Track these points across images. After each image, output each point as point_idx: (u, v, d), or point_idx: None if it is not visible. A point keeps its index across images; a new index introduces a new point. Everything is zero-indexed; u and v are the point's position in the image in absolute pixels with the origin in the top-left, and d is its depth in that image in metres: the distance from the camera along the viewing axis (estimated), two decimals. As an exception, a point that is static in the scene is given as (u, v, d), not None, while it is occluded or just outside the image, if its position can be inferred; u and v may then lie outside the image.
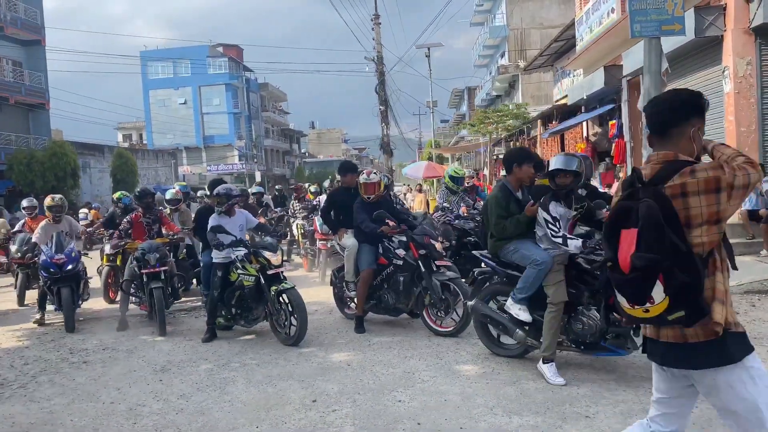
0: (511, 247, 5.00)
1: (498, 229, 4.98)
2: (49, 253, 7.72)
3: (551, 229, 4.73)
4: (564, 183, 4.78)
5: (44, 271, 7.70)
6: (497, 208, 5.00)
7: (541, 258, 4.75)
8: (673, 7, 7.20)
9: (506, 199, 5.04)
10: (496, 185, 5.34)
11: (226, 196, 6.80)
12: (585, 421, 3.92)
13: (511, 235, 4.95)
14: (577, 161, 4.77)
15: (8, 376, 5.86)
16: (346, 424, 4.11)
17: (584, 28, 16.01)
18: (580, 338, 4.75)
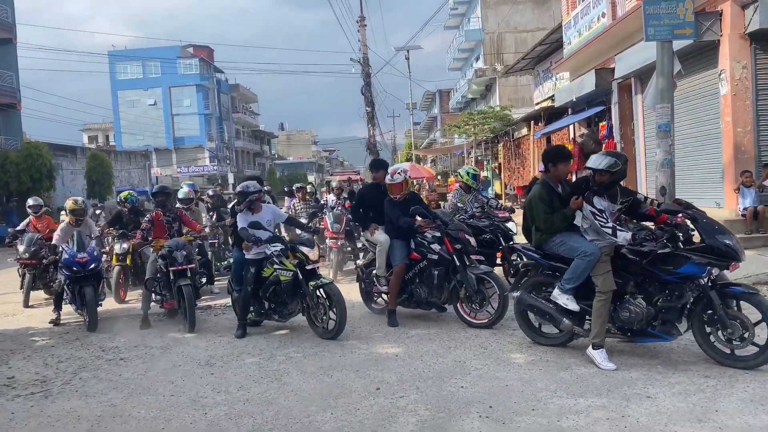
0: (557, 240, 5.21)
1: (546, 224, 5.19)
2: (72, 252, 7.68)
3: (599, 220, 4.96)
4: (602, 180, 5.02)
5: (66, 270, 7.64)
6: (542, 204, 5.21)
7: (590, 249, 4.97)
8: (684, 12, 7.57)
9: (549, 194, 5.26)
10: (538, 182, 5.55)
11: (242, 193, 6.89)
12: (648, 401, 4.14)
13: (558, 229, 5.17)
14: (611, 160, 5.00)
15: (47, 373, 5.83)
16: (418, 408, 4.25)
17: (572, 32, 16.43)
18: (627, 325, 4.98)
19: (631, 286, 5.00)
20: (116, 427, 4.28)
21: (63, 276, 7.82)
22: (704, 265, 4.65)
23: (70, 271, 7.61)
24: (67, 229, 8.26)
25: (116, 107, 60.85)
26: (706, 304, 4.73)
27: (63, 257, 7.75)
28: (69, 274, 7.65)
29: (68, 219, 8.42)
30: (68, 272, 7.64)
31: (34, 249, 9.35)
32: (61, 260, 7.82)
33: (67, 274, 7.69)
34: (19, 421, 4.54)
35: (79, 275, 7.59)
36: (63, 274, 7.79)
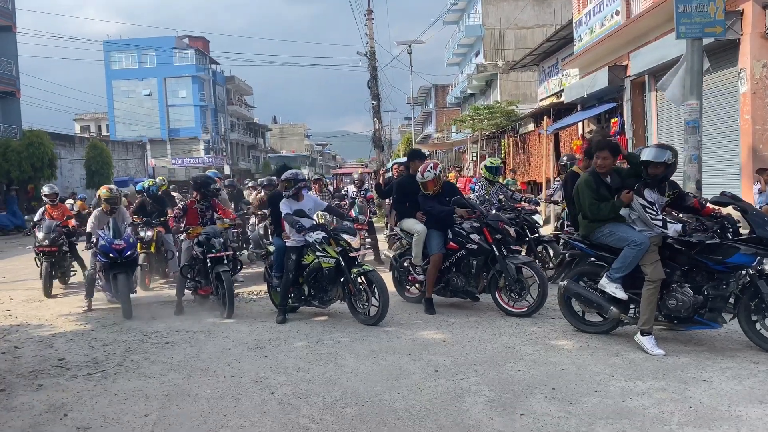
0: (606, 231, 5.36)
1: (593, 210, 5.33)
2: (108, 238, 7.67)
3: (650, 212, 5.11)
4: (656, 173, 5.17)
5: (103, 256, 7.66)
6: (589, 191, 5.36)
7: (640, 239, 5.12)
8: (715, 10, 7.73)
9: (597, 183, 5.40)
10: (586, 173, 5.69)
11: (294, 180, 7.00)
12: (705, 384, 4.31)
13: (604, 218, 5.30)
14: (668, 153, 5.15)
15: (96, 355, 5.92)
16: (483, 389, 4.39)
17: (584, 29, 16.60)
18: (674, 313, 5.14)
19: (678, 276, 5.16)
20: (187, 405, 4.38)
21: (98, 262, 7.86)
22: (753, 255, 4.82)
23: (107, 257, 7.61)
24: (101, 217, 8.32)
25: (110, 97, 60.38)
26: (753, 292, 4.89)
27: (99, 244, 7.72)
28: (105, 261, 7.66)
29: (102, 206, 8.50)
30: (104, 259, 7.64)
31: (53, 236, 9.29)
32: (97, 247, 7.78)
33: (103, 261, 7.71)
34: (88, 399, 4.63)
35: (116, 262, 7.59)
36: (99, 260, 7.82)
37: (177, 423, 4.07)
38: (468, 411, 4.01)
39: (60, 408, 4.47)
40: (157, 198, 10.32)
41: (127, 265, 7.70)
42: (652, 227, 5.17)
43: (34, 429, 4.10)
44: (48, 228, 9.34)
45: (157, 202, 10.22)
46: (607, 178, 5.52)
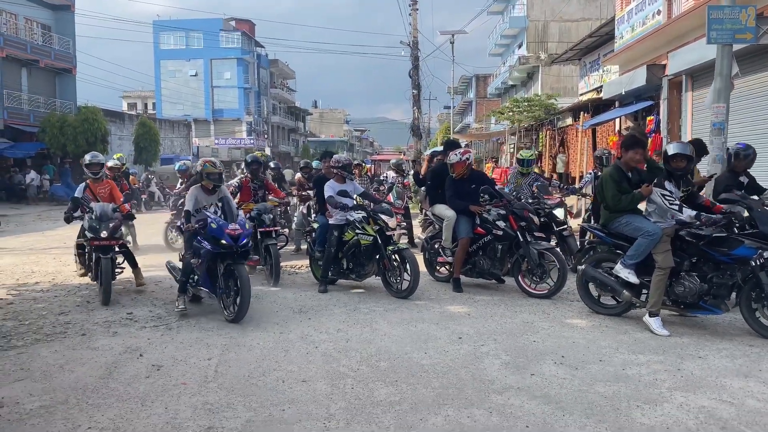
0: (623, 221, 5.87)
1: (614, 201, 5.84)
2: (221, 221, 6.21)
3: (668, 199, 5.60)
4: (679, 166, 5.67)
5: (212, 244, 6.14)
6: (613, 184, 5.86)
7: (653, 229, 5.62)
8: (747, 18, 8.04)
9: (620, 177, 5.90)
10: (610, 167, 6.19)
11: (345, 165, 7.69)
12: (700, 360, 4.83)
13: (624, 209, 5.82)
14: (690, 147, 5.63)
15: (159, 312, 6.69)
16: (500, 354, 4.99)
17: (625, 26, 16.79)
18: (681, 299, 5.64)
19: (687, 265, 5.64)
20: (243, 353, 5.10)
21: (205, 252, 6.25)
22: (756, 248, 5.28)
23: (218, 245, 6.09)
24: (200, 195, 6.76)
25: (158, 76, 62.04)
26: (754, 283, 5.35)
27: (210, 228, 6.16)
28: (214, 250, 6.13)
29: (203, 183, 6.78)
30: (214, 247, 6.12)
31: (113, 225, 7.21)
32: (205, 230, 6.23)
33: (211, 250, 6.15)
34: (158, 344, 5.40)
35: (230, 252, 6.12)
36: (205, 249, 6.23)
37: (236, 366, 4.78)
38: (485, 369, 4.62)
39: (135, 350, 5.24)
40: None
41: (241, 256, 6.25)
42: (668, 215, 5.66)
43: (116, 364, 4.86)
44: (103, 213, 7.26)
45: None
46: (629, 172, 6.02)
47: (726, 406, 3.92)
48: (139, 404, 4.03)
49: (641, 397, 4.06)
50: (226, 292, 6.18)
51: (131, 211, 8.02)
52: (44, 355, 5.16)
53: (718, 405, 3.93)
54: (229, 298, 6.15)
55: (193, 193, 6.74)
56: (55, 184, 28.28)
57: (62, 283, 8.42)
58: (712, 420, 3.70)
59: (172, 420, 3.77)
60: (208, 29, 59.98)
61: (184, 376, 4.57)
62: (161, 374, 4.62)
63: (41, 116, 29.09)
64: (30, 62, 29.83)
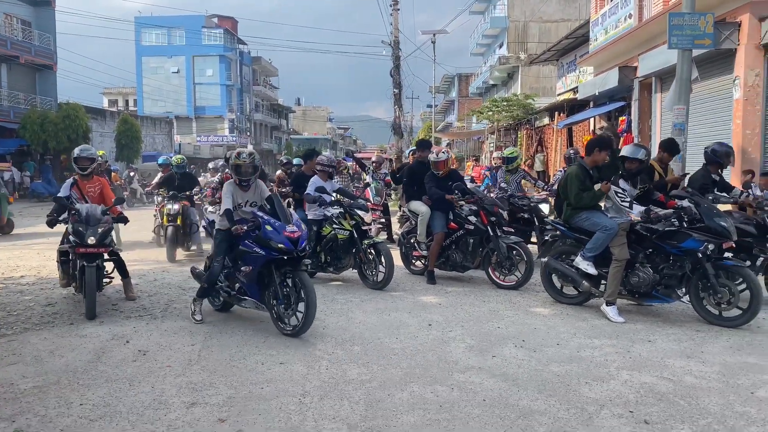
0: (583, 216, 6.26)
1: (577, 199, 6.23)
2: (277, 223, 5.44)
3: (621, 197, 6.01)
4: (631, 167, 6.07)
5: (265, 249, 5.40)
6: (578, 182, 6.24)
7: (610, 224, 6.02)
8: (705, 24, 8.51)
9: (584, 176, 6.29)
10: (575, 165, 6.57)
11: (328, 165, 8.08)
12: (649, 344, 5.23)
13: (586, 206, 6.21)
14: (642, 151, 6.04)
15: (143, 303, 6.94)
16: (465, 339, 5.36)
17: (599, 29, 17.29)
18: (636, 288, 6.05)
19: (641, 257, 6.06)
20: (225, 339, 5.40)
21: (257, 257, 5.45)
22: (702, 241, 5.70)
23: (275, 250, 5.32)
24: (236, 192, 5.88)
25: (139, 73, 61.72)
26: (701, 273, 5.77)
27: (265, 230, 5.39)
28: (270, 256, 5.37)
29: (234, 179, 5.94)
30: (270, 252, 5.36)
31: (102, 231, 6.29)
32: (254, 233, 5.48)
33: (266, 256, 5.38)
34: (143, 332, 5.68)
35: (289, 258, 5.38)
36: (257, 255, 5.43)
37: (218, 350, 5.09)
38: (451, 352, 4.98)
39: (122, 337, 5.51)
40: (186, 174, 10.65)
41: (298, 261, 5.47)
42: (621, 214, 6.07)
43: (104, 350, 5.14)
44: (90, 216, 6.36)
45: (186, 178, 10.47)
46: (592, 171, 6.41)
47: (666, 382, 4.31)
48: (126, 384, 4.32)
49: (590, 375, 4.44)
50: (285, 303, 5.42)
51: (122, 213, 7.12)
52: (34, 342, 5.42)
53: (659, 381, 4.32)
54: (289, 309, 5.40)
55: (228, 190, 5.88)
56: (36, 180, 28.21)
57: (47, 277, 8.64)
58: (651, 393, 4.09)
59: (158, 397, 4.07)
60: (190, 26, 59.82)
61: (169, 359, 4.87)
62: (147, 358, 4.91)
63: (21, 113, 28.99)
64: (10, 58, 29.69)
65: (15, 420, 3.73)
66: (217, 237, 5.94)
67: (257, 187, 6.02)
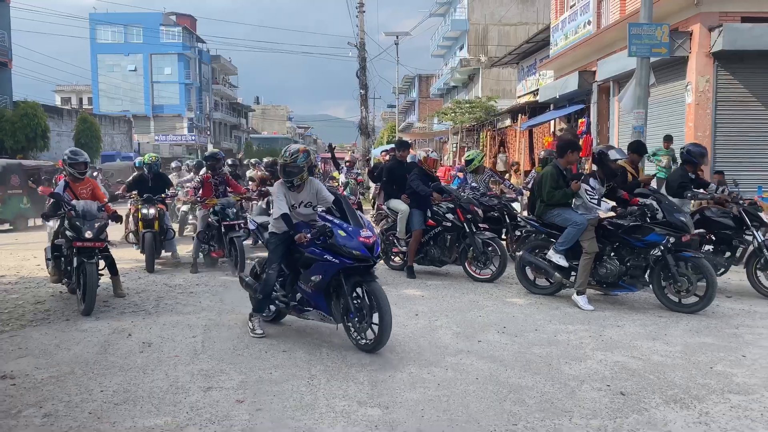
0: (555, 212, 6.75)
1: (549, 196, 6.71)
2: (350, 227, 5.01)
3: (590, 194, 6.52)
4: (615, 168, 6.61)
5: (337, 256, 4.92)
6: (552, 181, 6.71)
7: (580, 220, 6.52)
8: (661, 34, 9.15)
9: (558, 175, 6.76)
10: (550, 165, 7.01)
11: (313, 166, 8.40)
12: (618, 328, 5.74)
13: (558, 203, 6.70)
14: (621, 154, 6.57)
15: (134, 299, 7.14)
16: (451, 326, 5.77)
17: (559, 34, 18.01)
18: (604, 279, 6.56)
19: (608, 250, 6.58)
20: (224, 332, 5.67)
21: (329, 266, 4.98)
22: (664, 235, 6.25)
23: (349, 258, 4.90)
24: (288, 193, 5.41)
25: (95, 70, 60.44)
26: (663, 264, 6.32)
27: (338, 235, 4.94)
28: (343, 263, 4.93)
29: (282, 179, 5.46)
30: (343, 260, 4.92)
31: (99, 226, 6.63)
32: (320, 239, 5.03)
33: (340, 264, 4.93)
34: (143, 326, 5.90)
35: (365, 266, 4.98)
36: (329, 263, 4.97)
37: (219, 341, 5.36)
38: (440, 338, 5.39)
39: (123, 331, 5.73)
40: (159, 174, 9.87)
41: (368, 269, 5.03)
42: (591, 210, 6.58)
43: (108, 343, 5.35)
44: (87, 212, 6.67)
45: (159, 179, 9.76)
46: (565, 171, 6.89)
47: (636, 360, 4.80)
48: (140, 373, 4.57)
49: (569, 356, 4.90)
50: (359, 316, 4.95)
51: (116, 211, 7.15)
52: (36, 337, 5.58)
53: (630, 360, 4.81)
54: (363, 322, 4.92)
55: (280, 191, 5.38)
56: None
57: (29, 276, 8.71)
58: (624, 370, 4.57)
59: (174, 383, 4.34)
60: (147, 24, 58.88)
61: (175, 350, 5.13)
62: (153, 350, 5.16)
63: (-23, 112, 28.22)
64: (-38, 55, 28.86)
65: (42, 406, 3.96)
66: (272, 242, 5.41)
67: (312, 187, 5.49)
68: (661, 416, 3.75)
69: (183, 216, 12.98)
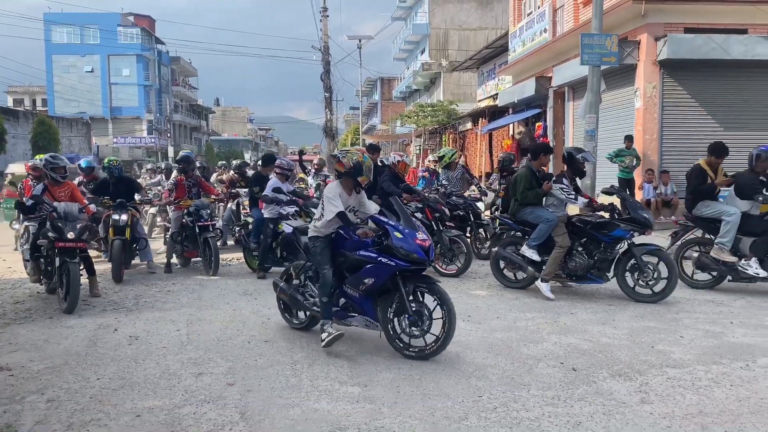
0: (527, 210, 7.22)
1: (523, 196, 7.18)
2: (406, 230, 4.86)
3: (566, 191, 7.05)
4: None
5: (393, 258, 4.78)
6: (526, 182, 7.19)
7: (551, 217, 7.00)
8: (611, 44, 9.81)
9: (531, 177, 7.25)
10: (524, 167, 7.48)
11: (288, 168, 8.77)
12: (571, 315, 6.28)
13: (531, 202, 7.17)
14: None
15: (112, 298, 7.39)
16: (420, 318, 6.21)
17: (517, 41, 18.72)
18: (573, 272, 7.01)
19: (577, 245, 7.05)
20: (206, 326, 5.99)
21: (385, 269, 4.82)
22: (629, 230, 6.80)
23: (405, 260, 4.78)
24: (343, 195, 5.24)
25: (50, 71, 59.11)
26: (629, 257, 6.83)
27: (395, 237, 4.78)
28: (399, 266, 4.79)
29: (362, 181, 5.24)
30: (399, 262, 4.78)
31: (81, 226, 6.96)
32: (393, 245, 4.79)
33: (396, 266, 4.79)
34: (127, 322, 6.17)
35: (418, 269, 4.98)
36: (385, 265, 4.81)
37: (204, 334, 5.69)
38: (410, 327, 5.82)
39: (108, 326, 6.00)
40: (123, 178, 9.20)
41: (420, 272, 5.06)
42: (561, 208, 7.11)
43: (96, 337, 5.62)
44: (68, 213, 6.94)
45: (123, 183, 9.07)
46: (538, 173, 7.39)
47: (587, 342, 5.33)
48: (132, 363, 4.88)
49: (527, 339, 5.40)
50: (414, 320, 4.83)
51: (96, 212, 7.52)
52: (23, 333, 5.81)
53: (582, 342, 5.34)
54: (417, 328, 4.84)
55: (336, 192, 5.21)
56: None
57: (3, 278, 8.82)
58: (576, 351, 5.09)
59: (166, 371, 4.67)
60: (105, 24, 57.94)
61: (161, 342, 5.44)
62: (141, 342, 5.46)
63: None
64: None
65: (44, 393, 4.24)
66: (317, 245, 5.22)
67: (360, 195, 5.40)
68: (608, 387, 4.26)
69: (152, 218, 13.14)
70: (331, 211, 5.04)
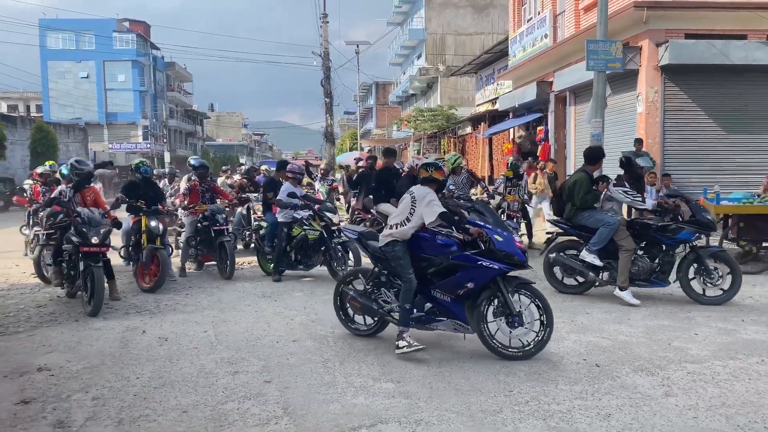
0: (586, 215, 7.21)
1: (583, 201, 7.16)
2: (504, 233, 5.02)
3: (630, 194, 7.22)
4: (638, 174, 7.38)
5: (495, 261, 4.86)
6: (586, 187, 7.18)
7: (612, 221, 7.01)
8: (616, 50, 10.02)
9: (590, 181, 7.28)
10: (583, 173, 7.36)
11: (300, 173, 8.94)
12: (587, 315, 6.46)
13: (589, 206, 7.18)
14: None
15: (133, 302, 7.51)
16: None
17: (517, 46, 18.95)
18: (635, 276, 7.00)
19: (640, 248, 7.07)
20: (232, 327, 6.13)
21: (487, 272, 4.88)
22: (694, 233, 6.92)
23: (506, 263, 4.90)
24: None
25: (45, 77, 59.08)
26: (693, 259, 6.90)
27: (495, 241, 4.87)
28: (502, 268, 4.89)
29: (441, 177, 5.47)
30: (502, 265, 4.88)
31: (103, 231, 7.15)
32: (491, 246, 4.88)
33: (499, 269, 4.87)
34: (154, 324, 6.30)
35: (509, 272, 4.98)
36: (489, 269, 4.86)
37: (231, 335, 5.83)
38: (432, 327, 5.98)
39: (136, 329, 6.13)
40: (150, 182, 9.05)
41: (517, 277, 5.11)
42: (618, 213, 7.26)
43: (126, 339, 5.75)
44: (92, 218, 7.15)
45: (151, 187, 8.97)
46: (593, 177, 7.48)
47: (605, 340, 5.51)
48: (167, 362, 5.02)
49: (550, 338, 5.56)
50: (516, 320, 4.89)
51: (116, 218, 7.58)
52: (54, 335, 5.93)
53: (600, 340, 5.52)
54: (518, 328, 4.91)
55: (434, 194, 5.28)
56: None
57: (20, 283, 8.93)
58: (596, 348, 5.27)
59: (202, 370, 4.81)
60: (100, 30, 57.98)
61: (192, 343, 5.58)
62: (171, 343, 5.59)
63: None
64: None
65: (88, 391, 4.38)
66: (397, 249, 5.19)
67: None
68: (631, 381, 4.44)
69: None
70: (434, 212, 5.06)
